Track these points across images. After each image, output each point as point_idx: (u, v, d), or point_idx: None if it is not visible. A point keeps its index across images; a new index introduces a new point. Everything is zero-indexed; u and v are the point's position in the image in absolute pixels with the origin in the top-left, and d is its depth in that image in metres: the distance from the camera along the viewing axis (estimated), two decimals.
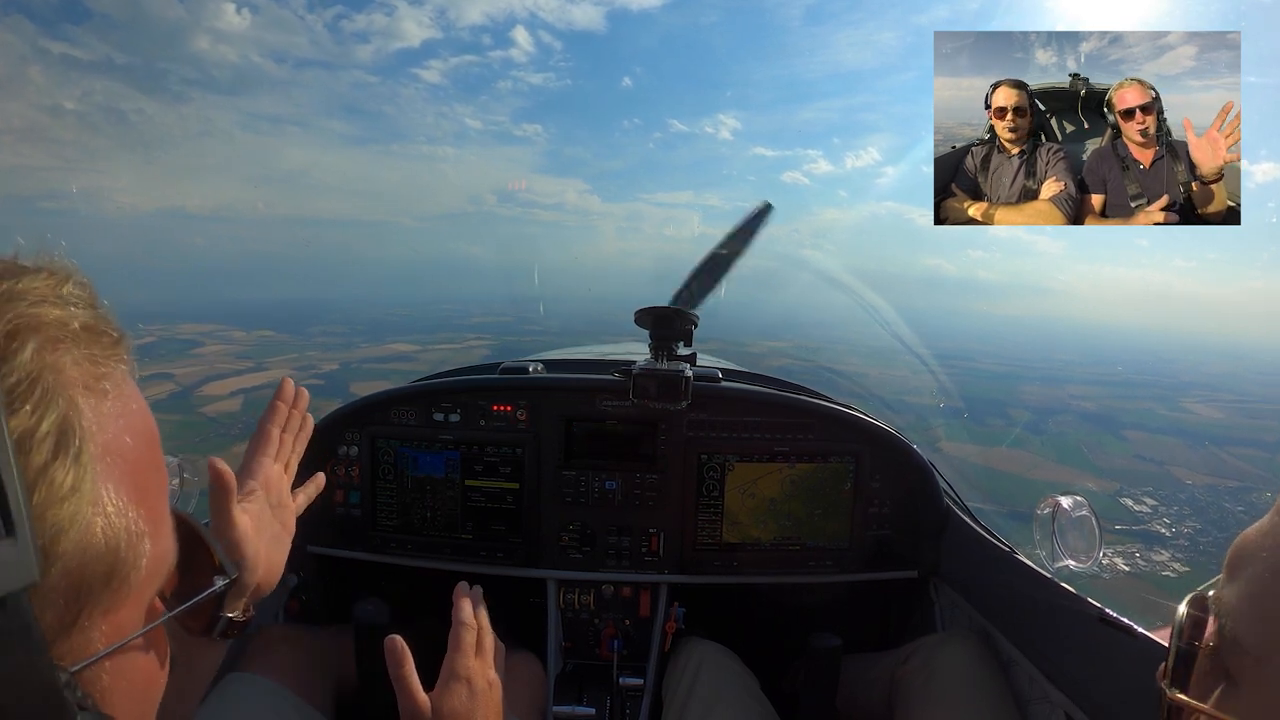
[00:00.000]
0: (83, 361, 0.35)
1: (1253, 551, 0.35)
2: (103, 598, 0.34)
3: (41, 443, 0.31)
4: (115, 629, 0.36)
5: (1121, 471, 21.79)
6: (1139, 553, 14.85)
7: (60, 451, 0.31)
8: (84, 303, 0.36)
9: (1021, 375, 34.40)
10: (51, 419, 0.31)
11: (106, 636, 0.35)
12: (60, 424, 0.31)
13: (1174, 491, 20.05)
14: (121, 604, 0.35)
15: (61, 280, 0.36)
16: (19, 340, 0.32)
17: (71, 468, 0.31)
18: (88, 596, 0.33)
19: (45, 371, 0.32)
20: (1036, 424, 24.24)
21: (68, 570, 0.31)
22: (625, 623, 1.61)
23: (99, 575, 0.33)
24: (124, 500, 0.35)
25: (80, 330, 0.35)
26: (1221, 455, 24.27)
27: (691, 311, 1.55)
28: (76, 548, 0.32)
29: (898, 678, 1.31)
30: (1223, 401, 33.52)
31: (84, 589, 0.33)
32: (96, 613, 0.34)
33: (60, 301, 0.35)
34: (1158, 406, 31.45)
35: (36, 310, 0.33)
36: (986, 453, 17.51)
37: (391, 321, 37.22)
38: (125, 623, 0.36)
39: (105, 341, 0.37)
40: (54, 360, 0.33)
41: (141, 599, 0.38)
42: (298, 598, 1.59)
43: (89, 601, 0.33)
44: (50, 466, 0.31)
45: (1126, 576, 12.90)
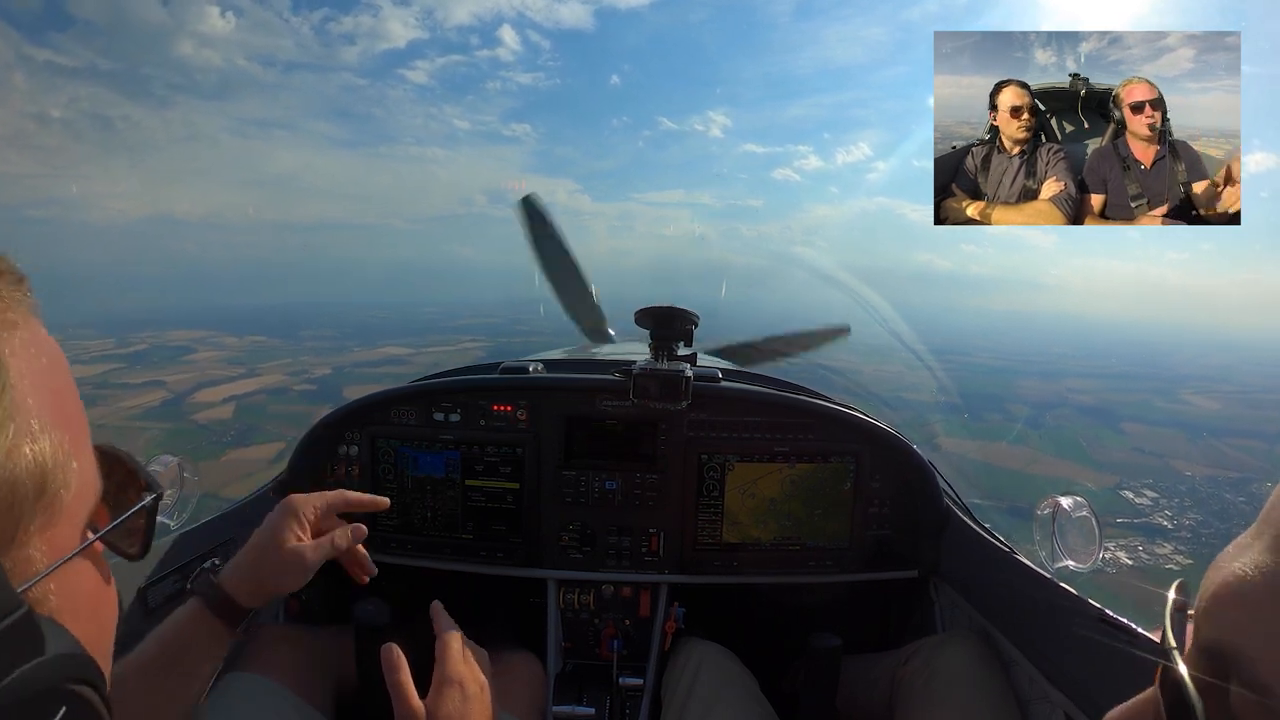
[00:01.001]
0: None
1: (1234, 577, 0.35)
2: (36, 514, 0.35)
3: None
4: (54, 549, 0.37)
5: (1121, 465, 21.84)
6: (1141, 546, 14.87)
7: None
8: None
9: (1018, 370, 34.54)
10: None
11: (47, 556, 0.36)
12: None
13: (1174, 484, 20.09)
14: (56, 522, 0.37)
15: None
16: None
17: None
18: (22, 511, 0.34)
19: None
20: (1035, 418, 24.33)
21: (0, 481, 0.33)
22: (625, 623, 1.61)
23: (30, 490, 0.35)
24: (47, 422, 0.36)
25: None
26: (1221, 446, 24.37)
27: (692, 312, 1.55)
28: (5, 461, 0.33)
29: (898, 678, 1.31)
30: (1220, 393, 33.69)
31: (16, 504, 0.34)
32: (33, 529, 0.35)
33: None
34: (1155, 399, 31.59)
35: None
36: (985, 448, 17.54)
37: (384, 324, 37.24)
38: (63, 543, 0.38)
39: (7, 280, 0.39)
40: None
41: (75, 520, 0.39)
42: (298, 598, 1.59)
43: (24, 516, 0.35)
44: None
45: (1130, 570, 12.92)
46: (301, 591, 1.59)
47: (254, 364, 30.44)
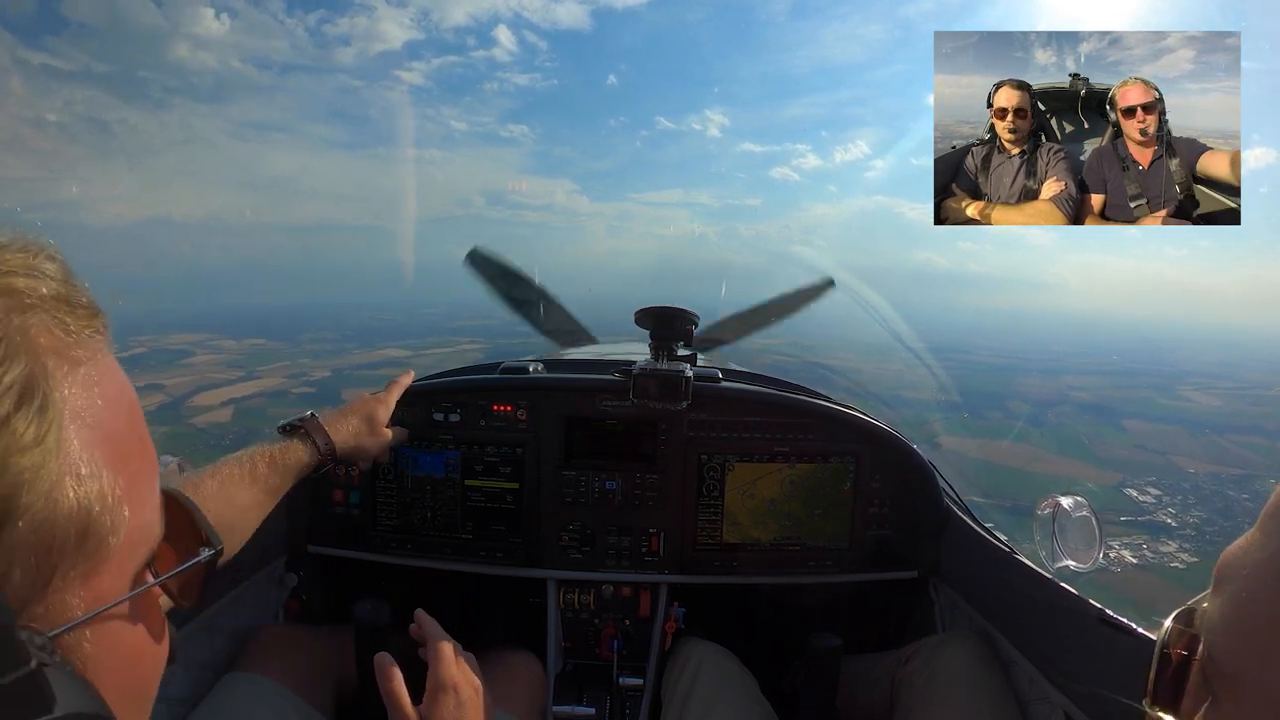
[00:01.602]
0: (53, 329, 0.35)
1: (1234, 567, 0.35)
2: (77, 560, 0.34)
3: (4, 395, 0.31)
4: (96, 596, 0.36)
5: (1123, 462, 21.76)
6: (1146, 544, 14.76)
7: (23, 404, 0.32)
8: (56, 276, 0.37)
9: (1018, 368, 34.48)
10: (15, 373, 0.32)
11: (86, 603, 0.35)
12: (25, 379, 0.32)
13: (1177, 481, 20.01)
14: (100, 570, 0.36)
15: (34, 254, 0.37)
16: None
17: (35, 420, 0.32)
18: (60, 556, 0.33)
19: (11, 331, 0.33)
20: (1036, 416, 24.28)
21: (36, 525, 0.32)
22: (625, 623, 1.61)
23: (71, 535, 0.33)
24: (98, 464, 0.35)
25: (51, 299, 0.36)
26: (1223, 443, 24.30)
27: (692, 312, 1.55)
28: (45, 502, 0.32)
29: (898, 678, 1.31)
30: (1221, 389, 33.61)
31: (55, 547, 0.33)
32: (72, 575, 0.34)
33: (31, 272, 0.36)
34: (1156, 395, 31.52)
35: (6, 279, 0.34)
36: (986, 446, 17.48)
37: (383, 326, 37.15)
38: (107, 591, 0.37)
39: (79, 314, 0.37)
40: (21, 322, 0.34)
41: (124, 568, 0.38)
42: (298, 598, 1.59)
43: (62, 561, 0.33)
44: (12, 417, 0.31)
45: (1135, 569, 12.83)
46: (301, 591, 1.60)
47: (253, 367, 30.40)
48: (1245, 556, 0.35)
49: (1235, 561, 0.35)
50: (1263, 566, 0.33)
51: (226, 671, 1.22)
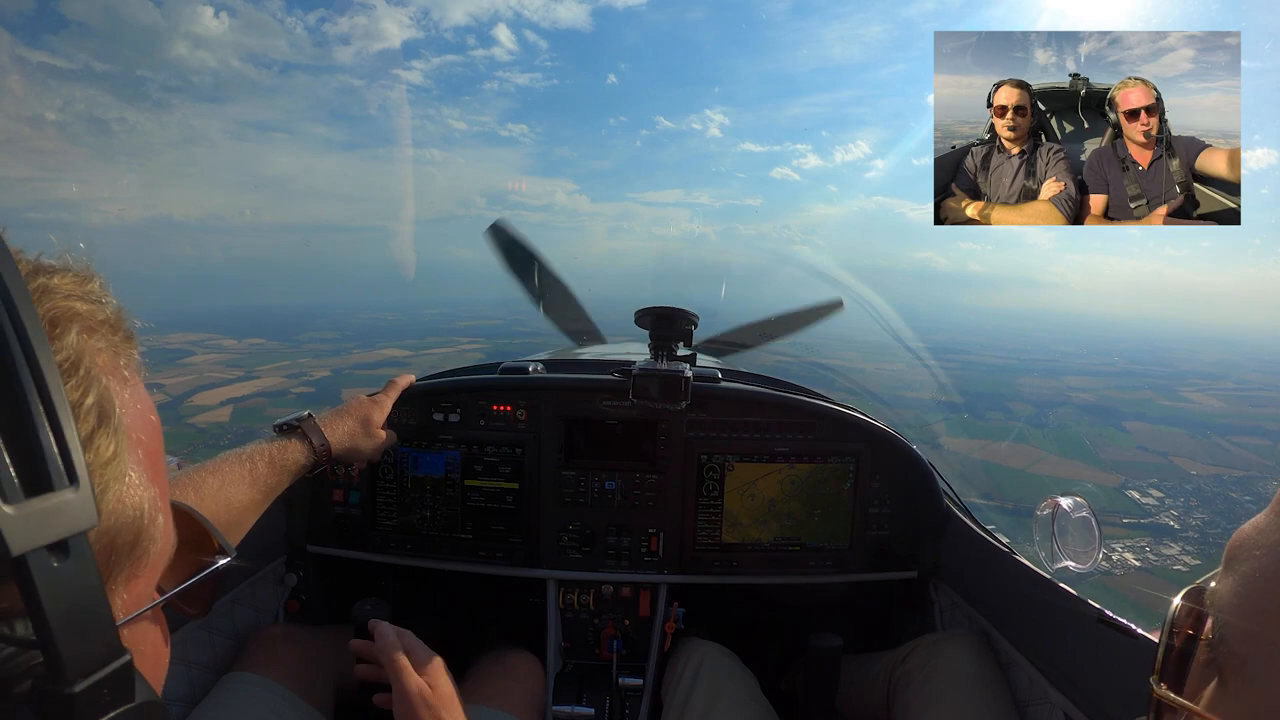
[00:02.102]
0: (108, 351, 0.38)
1: (1248, 547, 0.34)
2: (127, 564, 0.37)
3: (88, 414, 0.34)
4: (134, 599, 0.39)
5: (1125, 464, 21.66)
6: (1149, 547, 14.66)
7: (103, 422, 0.35)
8: (104, 300, 0.40)
9: (1018, 368, 34.42)
10: (94, 394, 0.35)
11: (127, 605, 0.38)
12: (101, 399, 0.35)
13: (1179, 483, 19.89)
14: (140, 574, 0.39)
15: (85, 279, 0.39)
16: (61, 327, 0.35)
17: (112, 438, 0.35)
18: (117, 560, 0.36)
19: (85, 354, 0.35)
20: (1037, 417, 24.24)
21: (105, 530, 0.35)
22: (625, 623, 1.61)
23: (127, 541, 0.36)
24: (144, 479, 0.38)
25: (104, 323, 0.39)
26: (1224, 445, 24.22)
27: (691, 312, 1.55)
28: (113, 511, 0.35)
29: (897, 678, 1.31)
30: (1221, 390, 33.55)
31: (115, 552, 0.36)
32: (121, 578, 0.37)
33: (86, 297, 0.38)
34: (1157, 396, 31.46)
35: (69, 303, 0.37)
36: (987, 447, 17.44)
37: (383, 326, 37.07)
38: (141, 595, 0.40)
39: (122, 335, 0.41)
40: (91, 345, 0.37)
41: (154, 574, 0.41)
42: (298, 598, 1.59)
43: (117, 565, 0.36)
44: (96, 434, 0.34)
45: (1137, 572, 12.76)
46: (301, 591, 1.60)
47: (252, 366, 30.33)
48: (1260, 537, 0.34)
49: (1249, 542, 0.35)
50: (1277, 547, 0.33)
51: (226, 671, 1.22)
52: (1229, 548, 0.36)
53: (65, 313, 0.36)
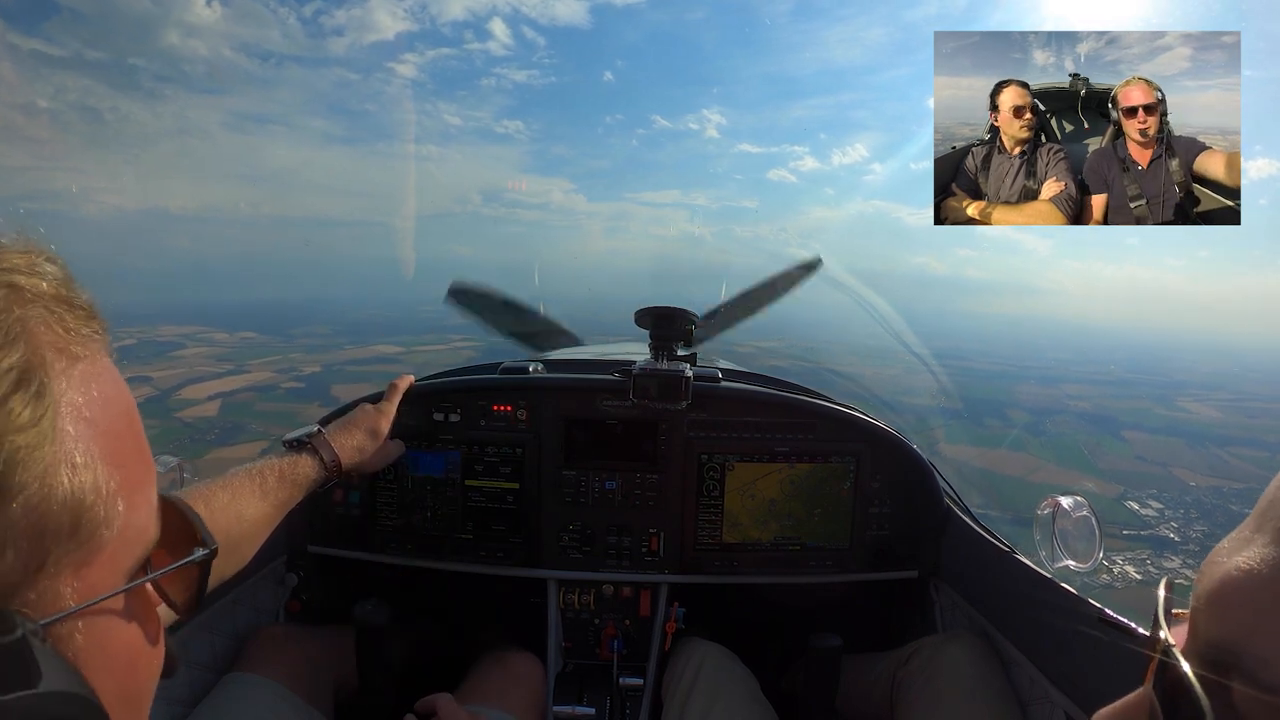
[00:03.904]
0: (53, 324, 0.36)
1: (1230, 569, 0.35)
2: (69, 548, 0.34)
3: (4, 376, 0.32)
4: (88, 588, 0.36)
5: (1124, 474, 21.58)
6: (1149, 559, 14.53)
7: (20, 386, 0.33)
8: (56, 276, 0.39)
9: (1016, 375, 34.41)
10: (14, 359, 0.33)
11: (78, 595, 0.36)
12: (22, 364, 0.33)
13: (1179, 494, 19.79)
14: (92, 562, 0.36)
15: (35, 254, 0.38)
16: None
17: (32, 403, 0.33)
18: (53, 541, 0.34)
19: (12, 321, 0.34)
20: (1035, 425, 24.22)
21: (30, 507, 0.32)
22: (625, 623, 1.61)
23: (65, 521, 0.34)
24: (94, 458, 0.36)
25: (51, 297, 0.37)
26: (1224, 456, 24.17)
27: (691, 312, 1.55)
28: (39, 485, 0.32)
29: (898, 678, 1.31)
30: (1219, 400, 33.58)
31: (48, 532, 0.33)
32: (65, 564, 0.35)
33: (31, 272, 0.37)
34: (1154, 406, 31.46)
35: (8, 275, 0.36)
36: (986, 455, 17.38)
37: (377, 323, 36.87)
38: (99, 585, 0.37)
39: (78, 314, 0.39)
40: (22, 313, 0.35)
41: (117, 564, 0.38)
42: (298, 598, 1.59)
43: (55, 547, 0.34)
44: (10, 398, 0.32)
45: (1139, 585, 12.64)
46: (301, 591, 1.59)
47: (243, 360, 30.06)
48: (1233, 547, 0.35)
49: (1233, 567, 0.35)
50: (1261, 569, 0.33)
51: (227, 672, 1.22)
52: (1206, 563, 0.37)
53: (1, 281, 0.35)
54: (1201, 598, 0.36)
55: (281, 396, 24.04)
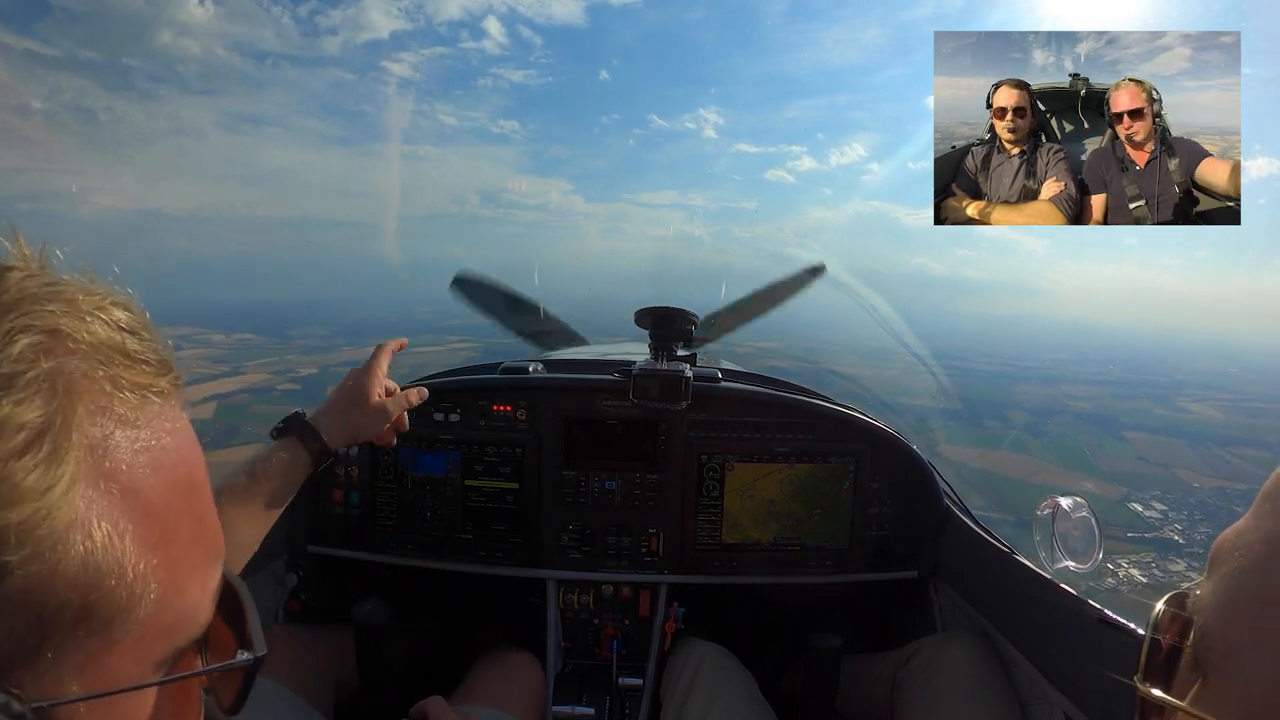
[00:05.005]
0: (99, 379, 0.32)
1: (1228, 550, 0.35)
2: (78, 633, 0.30)
3: (13, 433, 0.28)
4: (101, 676, 0.32)
5: (1127, 475, 21.42)
6: (1154, 562, 14.36)
7: (30, 449, 0.29)
8: (122, 326, 0.35)
9: (1014, 375, 34.33)
10: (32, 414, 0.29)
11: (87, 683, 0.31)
12: (40, 423, 0.29)
13: (1183, 495, 19.59)
14: (107, 650, 0.32)
15: (101, 298, 0.35)
16: (24, 335, 0.30)
17: (42, 469, 0.29)
18: (53, 624, 0.30)
19: (38, 372, 0.30)
20: (1034, 426, 24.16)
21: (28, 587, 0.28)
22: (625, 623, 1.61)
23: (70, 605, 0.30)
24: (124, 538, 0.32)
25: (105, 348, 0.33)
26: (1226, 456, 24.06)
27: (691, 312, 1.55)
28: (41, 563, 0.28)
29: (898, 678, 1.31)
30: (1219, 400, 33.51)
31: (49, 615, 0.29)
32: (69, 648, 0.30)
33: (88, 317, 0.33)
34: (1155, 406, 31.38)
35: (53, 319, 0.32)
36: (987, 456, 17.30)
37: (374, 324, 36.76)
38: (118, 673, 0.33)
39: (139, 369, 0.35)
40: (58, 364, 0.31)
41: (144, 653, 0.34)
42: (298, 598, 1.59)
43: (56, 630, 0.30)
44: (14, 461, 0.28)
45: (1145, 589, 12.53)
46: (301, 591, 1.59)
47: (239, 362, 29.91)
48: (1238, 539, 0.35)
49: (1229, 545, 0.36)
50: (1255, 547, 0.33)
51: None
52: (1212, 552, 0.37)
53: (41, 325, 0.31)
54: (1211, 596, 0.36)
55: (277, 399, 23.98)
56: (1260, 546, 0.33)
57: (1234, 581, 0.34)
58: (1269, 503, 0.35)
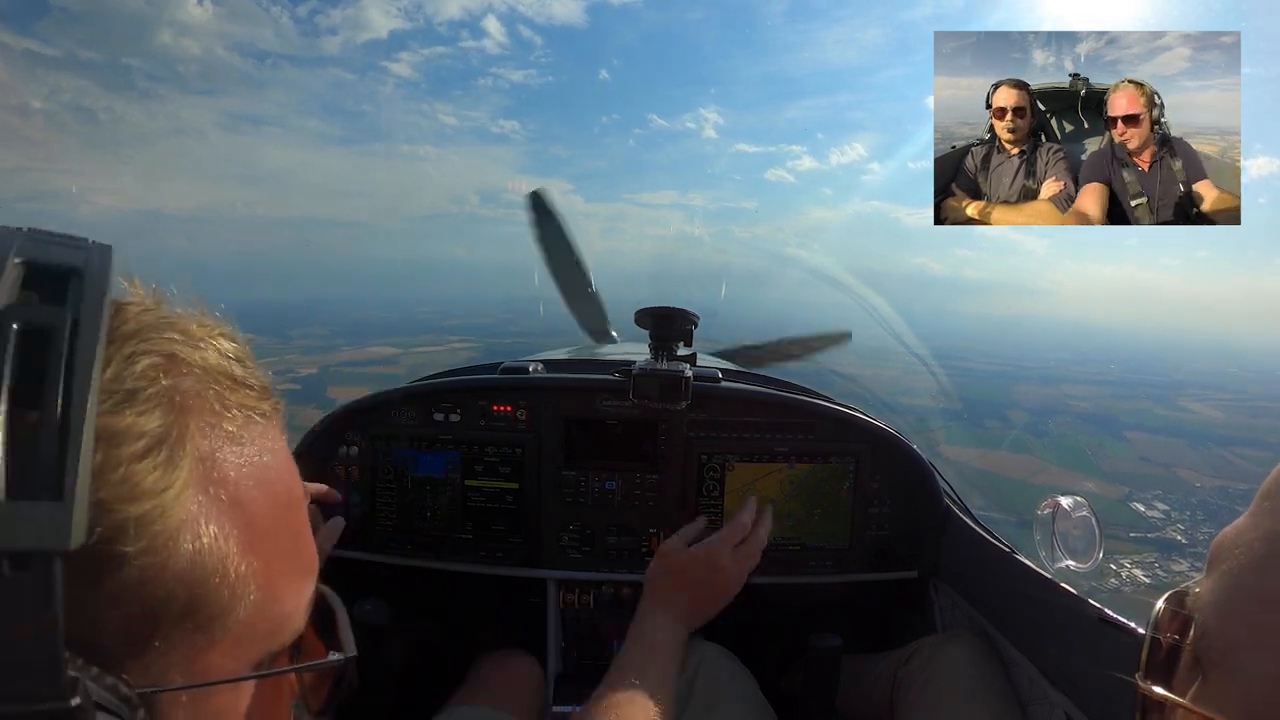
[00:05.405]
0: (210, 399, 0.36)
1: (1228, 548, 0.36)
2: (184, 626, 0.33)
3: (135, 439, 0.31)
4: (202, 670, 0.35)
5: (1128, 475, 21.36)
6: (1157, 563, 14.32)
7: (151, 452, 0.32)
8: (229, 355, 0.39)
9: (1015, 375, 34.31)
10: (153, 424, 0.32)
11: (191, 673, 0.35)
12: (159, 432, 0.32)
13: (1185, 495, 19.51)
14: (209, 646, 0.35)
15: (211, 329, 0.39)
16: (142, 357, 0.34)
17: (160, 470, 0.32)
18: (162, 615, 0.32)
19: (158, 389, 0.33)
20: (1035, 426, 24.14)
21: (142, 579, 0.31)
22: (625, 623, 1.60)
23: (177, 598, 0.33)
24: (229, 541, 0.35)
25: (215, 372, 0.37)
26: (1227, 456, 24.03)
27: (692, 312, 1.55)
28: (155, 557, 0.31)
29: (898, 679, 1.30)
30: (1219, 400, 33.48)
31: (158, 606, 0.32)
32: (177, 640, 0.33)
33: (200, 345, 0.37)
34: (1155, 406, 31.36)
35: (169, 344, 0.35)
36: (987, 456, 17.27)
37: (374, 324, 36.71)
38: (215, 668, 0.36)
39: (244, 393, 0.39)
40: (174, 382, 0.34)
41: (241, 652, 0.37)
42: None
43: (164, 622, 0.33)
44: (136, 463, 0.31)
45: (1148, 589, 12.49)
46: None
47: None
48: (1238, 537, 0.36)
49: (1228, 542, 0.36)
50: (1254, 545, 0.34)
51: None
52: (1212, 550, 0.37)
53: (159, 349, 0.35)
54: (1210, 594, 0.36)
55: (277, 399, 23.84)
56: (1260, 544, 0.33)
57: (1234, 579, 0.34)
58: (1268, 501, 0.35)
